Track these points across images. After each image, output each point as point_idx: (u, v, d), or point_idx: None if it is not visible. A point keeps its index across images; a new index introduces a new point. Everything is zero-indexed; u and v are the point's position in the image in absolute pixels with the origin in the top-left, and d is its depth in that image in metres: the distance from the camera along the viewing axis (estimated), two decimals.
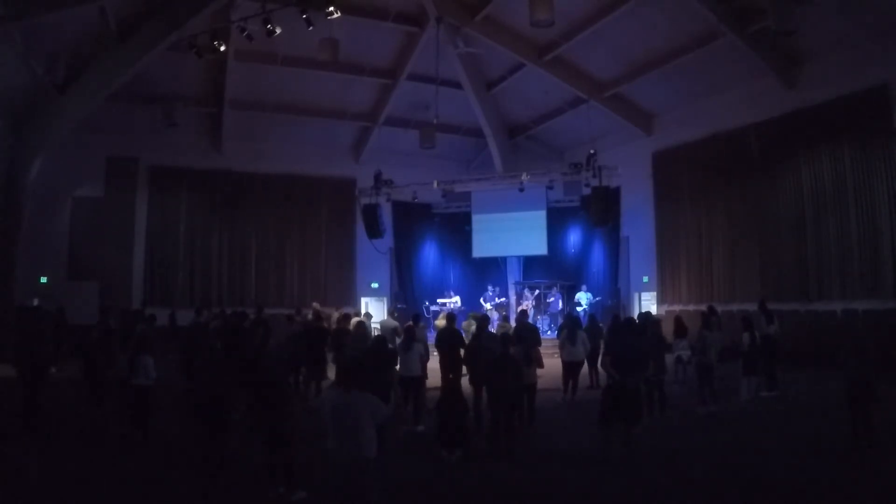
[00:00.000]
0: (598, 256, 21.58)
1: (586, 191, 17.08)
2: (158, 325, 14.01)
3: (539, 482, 6.83)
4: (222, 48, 14.80)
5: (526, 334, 9.94)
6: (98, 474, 6.94)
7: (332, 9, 13.81)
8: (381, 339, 9.25)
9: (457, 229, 22.35)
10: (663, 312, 17.59)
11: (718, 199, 17.19)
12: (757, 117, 15.89)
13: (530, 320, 18.00)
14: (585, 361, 11.88)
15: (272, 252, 21.29)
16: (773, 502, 6.15)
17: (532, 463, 7.48)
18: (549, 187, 19.39)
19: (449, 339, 10.49)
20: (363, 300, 21.85)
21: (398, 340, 10.82)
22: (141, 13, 15.44)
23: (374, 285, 22.35)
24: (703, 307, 14.17)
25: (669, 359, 11.04)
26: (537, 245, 20.79)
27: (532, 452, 7.92)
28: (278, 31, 14.05)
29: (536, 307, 20.14)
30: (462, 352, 10.35)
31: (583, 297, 19.44)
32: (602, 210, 16.30)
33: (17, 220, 16.26)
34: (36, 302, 17.00)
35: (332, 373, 11.37)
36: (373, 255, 20.78)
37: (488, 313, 18.27)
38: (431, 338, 12.94)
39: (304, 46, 16.78)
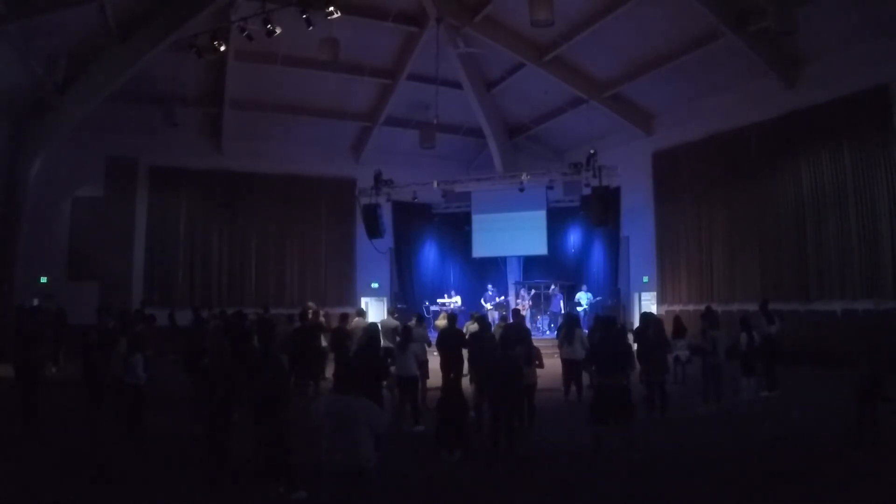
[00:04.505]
0: (598, 256, 21.60)
1: (586, 191, 17.09)
2: (158, 325, 14.02)
3: (539, 482, 6.82)
4: (222, 48, 14.79)
5: (519, 335, 9.84)
6: (96, 474, 6.93)
7: (332, 9, 13.80)
8: (373, 340, 9.18)
9: (457, 229, 22.35)
10: (663, 312, 17.58)
11: (718, 199, 17.19)
12: (757, 117, 15.90)
13: (529, 320, 18.09)
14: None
15: (272, 252, 21.27)
16: (772, 502, 6.15)
17: (532, 463, 7.47)
18: (549, 187, 19.41)
19: (450, 339, 10.48)
20: (363, 300, 21.85)
21: (398, 340, 10.80)
22: (141, 13, 15.44)
23: (374, 285, 22.35)
24: (703, 307, 14.14)
25: (669, 359, 11.03)
26: (537, 245, 20.80)
27: (532, 452, 7.91)
28: (278, 31, 14.04)
29: (536, 307, 20.15)
30: (464, 352, 10.37)
31: (583, 297, 19.45)
32: (602, 210, 16.31)
33: (17, 220, 16.25)
34: (36, 302, 16.99)
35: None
36: (373, 255, 20.77)
37: (488, 313, 18.30)
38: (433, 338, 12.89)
39: (304, 46, 16.77)
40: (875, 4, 12.51)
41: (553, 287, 20.12)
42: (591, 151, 16.72)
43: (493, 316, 17.99)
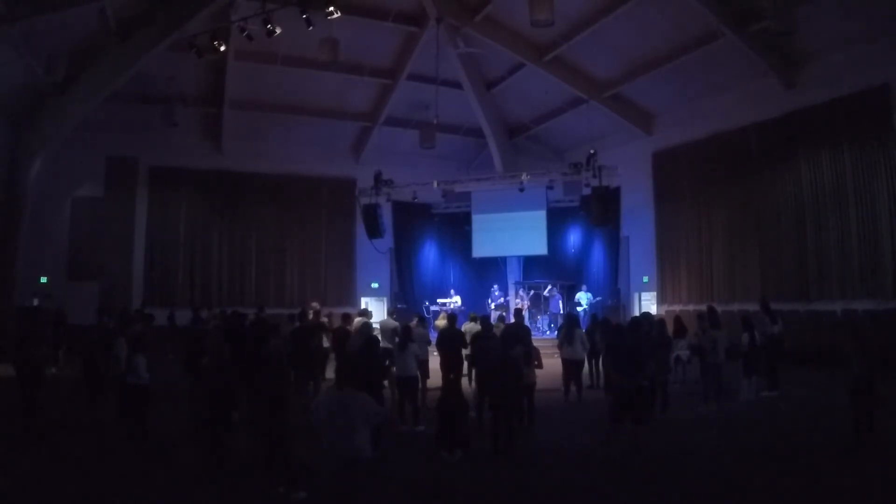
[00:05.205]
0: (598, 256, 21.59)
1: (586, 191, 17.10)
2: (158, 324, 14.02)
3: (539, 482, 6.82)
4: (222, 48, 14.81)
5: (520, 335, 9.82)
6: (97, 474, 6.94)
7: (332, 9, 13.82)
8: (372, 340, 9.18)
9: (457, 229, 22.37)
10: (663, 312, 17.57)
11: (718, 199, 17.18)
12: (757, 117, 15.90)
13: (527, 320, 18.07)
14: (585, 361, 11.86)
15: (272, 252, 21.27)
16: (773, 502, 6.14)
17: (532, 463, 7.47)
18: (549, 187, 19.43)
19: (450, 339, 10.48)
20: (363, 300, 21.84)
21: (398, 341, 10.79)
22: (141, 13, 15.46)
23: (374, 285, 22.36)
24: (704, 307, 14.10)
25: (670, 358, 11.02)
26: (537, 245, 20.80)
27: (532, 452, 7.91)
28: (278, 31, 14.06)
29: (535, 307, 20.13)
30: (464, 352, 10.35)
31: (583, 297, 19.44)
32: (602, 210, 16.33)
33: (17, 220, 16.26)
34: (36, 302, 17.00)
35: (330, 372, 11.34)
36: (373, 255, 20.79)
37: (492, 313, 18.29)
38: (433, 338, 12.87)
39: (304, 46, 16.78)
40: (875, 4, 12.50)
41: (550, 287, 20.12)
42: (591, 151, 16.73)
43: (493, 317, 17.97)
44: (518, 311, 12.85)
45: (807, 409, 9.84)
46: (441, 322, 14.25)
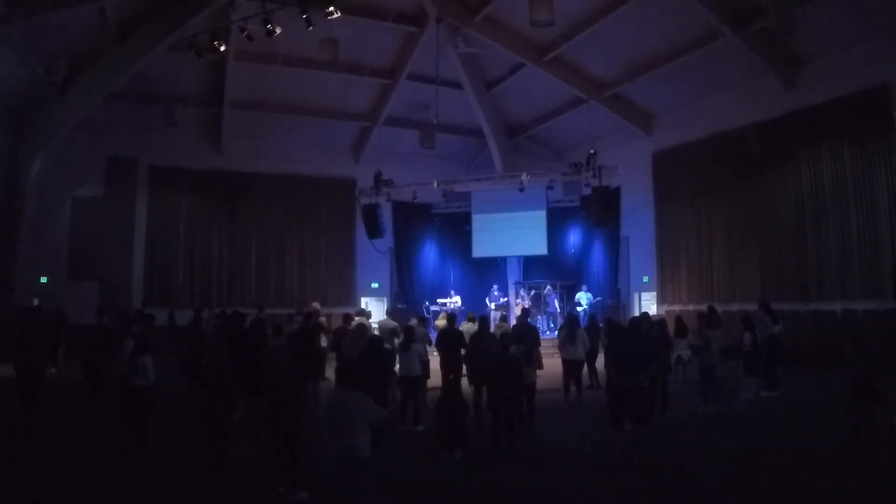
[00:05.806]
0: (598, 256, 21.60)
1: (586, 191, 17.10)
2: (158, 324, 13.99)
3: (539, 482, 6.82)
4: (222, 48, 14.80)
5: (526, 334, 9.94)
6: (97, 474, 6.94)
7: (332, 9, 13.82)
8: (376, 340, 9.17)
9: (457, 229, 22.36)
10: (663, 312, 17.57)
11: (718, 199, 17.19)
12: (757, 117, 15.90)
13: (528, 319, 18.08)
14: (585, 361, 11.87)
15: (272, 252, 21.29)
16: (773, 502, 6.14)
17: (532, 463, 7.47)
18: (549, 187, 19.43)
19: (450, 340, 10.48)
20: (363, 300, 21.85)
21: (397, 341, 10.80)
22: (141, 13, 15.46)
23: (374, 285, 22.36)
24: (704, 307, 14.11)
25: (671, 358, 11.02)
26: (537, 245, 20.80)
27: (532, 452, 7.91)
28: (278, 31, 14.05)
29: (536, 307, 20.13)
30: (463, 352, 10.36)
31: (583, 297, 19.45)
32: (602, 210, 16.33)
33: (17, 220, 16.26)
34: (36, 302, 16.99)
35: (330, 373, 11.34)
36: (373, 255, 20.80)
37: (492, 313, 18.29)
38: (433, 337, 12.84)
39: (304, 46, 16.79)
40: (875, 4, 12.51)
41: (548, 287, 20.12)
42: (591, 151, 16.73)
43: (494, 316, 17.97)
44: (525, 311, 12.87)
45: (807, 409, 9.84)
46: (441, 322, 14.26)
